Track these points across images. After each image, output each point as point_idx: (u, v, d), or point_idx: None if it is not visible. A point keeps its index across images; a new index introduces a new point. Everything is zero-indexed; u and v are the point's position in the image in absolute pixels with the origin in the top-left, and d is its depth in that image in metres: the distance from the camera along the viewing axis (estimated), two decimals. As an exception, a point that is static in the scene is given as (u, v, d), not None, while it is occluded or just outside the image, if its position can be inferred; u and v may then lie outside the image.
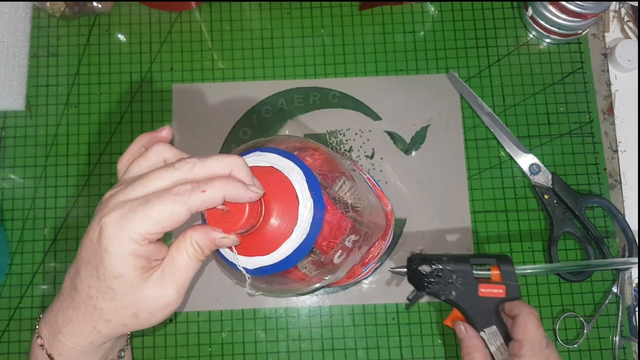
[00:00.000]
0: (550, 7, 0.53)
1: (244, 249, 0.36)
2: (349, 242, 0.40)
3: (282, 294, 0.51)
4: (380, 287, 0.52)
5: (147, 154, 0.33)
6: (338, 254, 0.40)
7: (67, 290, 0.34)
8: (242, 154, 0.38)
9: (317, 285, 0.43)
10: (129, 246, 0.30)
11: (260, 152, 0.38)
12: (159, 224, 0.29)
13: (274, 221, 0.35)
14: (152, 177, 0.31)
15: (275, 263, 0.36)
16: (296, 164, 0.37)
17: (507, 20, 0.58)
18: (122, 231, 0.29)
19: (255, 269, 0.36)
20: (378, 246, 0.49)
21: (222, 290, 0.52)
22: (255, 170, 0.35)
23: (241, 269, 0.36)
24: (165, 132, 0.36)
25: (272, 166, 0.36)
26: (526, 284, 0.52)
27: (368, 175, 0.52)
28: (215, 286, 0.53)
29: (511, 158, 0.55)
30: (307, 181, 0.36)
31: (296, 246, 0.35)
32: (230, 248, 0.35)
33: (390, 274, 0.52)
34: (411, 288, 0.48)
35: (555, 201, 0.53)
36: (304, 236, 0.36)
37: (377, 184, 0.53)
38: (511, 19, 0.58)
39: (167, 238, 0.54)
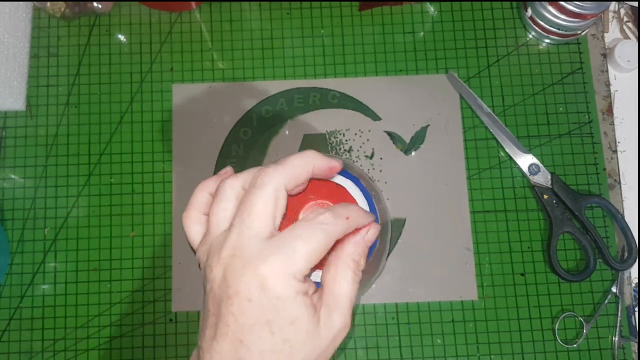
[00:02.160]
0: (550, 8, 0.53)
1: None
2: None
3: None
4: (380, 287, 0.52)
5: (222, 195, 0.31)
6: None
7: None
8: None
9: None
10: (297, 286, 0.28)
11: None
12: (318, 256, 0.28)
13: None
14: (255, 204, 0.29)
15: None
16: (346, 176, 0.40)
17: (507, 21, 0.58)
18: (288, 272, 0.27)
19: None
20: None
21: (222, 290, 0.53)
22: (313, 183, 0.36)
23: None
24: (229, 171, 0.34)
25: (332, 181, 0.39)
26: (525, 283, 0.53)
27: None
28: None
29: (510, 158, 0.55)
30: (360, 190, 0.39)
31: None
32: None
33: (390, 274, 0.53)
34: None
35: (554, 201, 0.53)
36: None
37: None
38: (510, 20, 0.58)
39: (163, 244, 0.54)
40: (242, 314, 0.27)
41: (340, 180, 0.40)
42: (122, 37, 0.58)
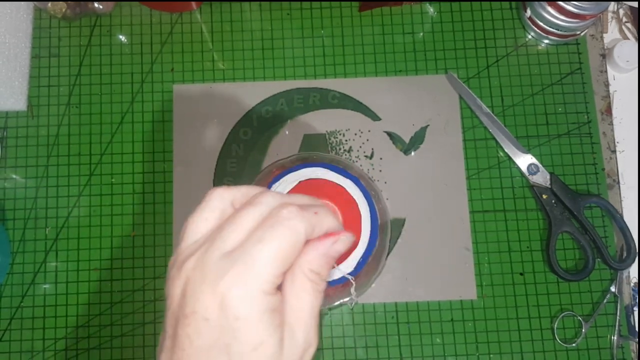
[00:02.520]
0: (549, 8, 0.53)
1: None
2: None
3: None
4: (380, 286, 0.53)
5: (207, 203, 0.28)
6: None
7: None
8: (290, 169, 0.39)
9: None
10: (263, 301, 0.24)
11: (309, 167, 0.39)
12: (286, 259, 0.25)
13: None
14: (240, 219, 0.25)
15: (349, 272, 0.37)
16: (346, 176, 0.39)
17: (506, 21, 0.58)
18: (250, 286, 0.24)
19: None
20: None
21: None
22: (313, 183, 0.36)
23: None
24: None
25: (325, 179, 0.38)
26: (524, 283, 0.53)
27: None
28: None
29: (510, 158, 0.55)
30: (360, 190, 0.38)
31: (362, 253, 0.37)
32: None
33: (390, 273, 0.53)
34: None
35: (553, 201, 0.53)
36: (367, 242, 0.37)
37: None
38: (510, 20, 0.58)
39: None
40: (198, 336, 0.24)
41: (340, 180, 0.40)
42: (122, 38, 0.58)
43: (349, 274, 0.38)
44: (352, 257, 0.39)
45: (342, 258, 0.39)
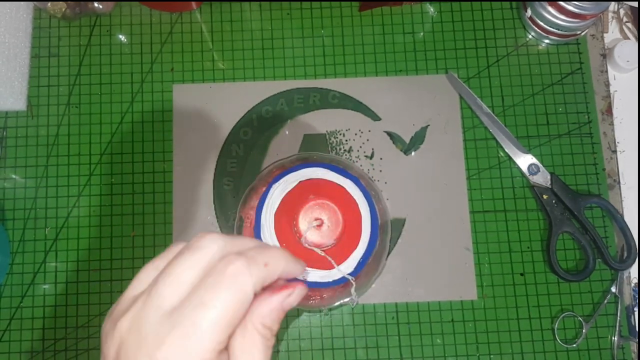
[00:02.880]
0: (549, 8, 0.53)
1: (311, 264, 0.38)
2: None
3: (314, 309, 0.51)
4: (380, 287, 0.52)
5: (164, 254, 0.25)
6: None
7: None
8: (290, 169, 0.40)
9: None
10: None
11: (309, 168, 0.40)
12: (231, 323, 0.22)
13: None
14: (178, 270, 0.23)
15: (349, 272, 0.38)
16: (346, 176, 0.40)
17: (506, 21, 0.58)
18: (191, 356, 0.21)
19: (322, 282, 0.37)
20: None
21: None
22: (312, 183, 0.36)
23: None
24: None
25: (325, 179, 0.39)
26: (525, 283, 0.53)
27: None
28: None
29: (510, 158, 0.55)
30: (360, 190, 0.38)
31: (362, 253, 0.37)
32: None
33: (390, 274, 0.53)
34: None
35: (554, 201, 0.53)
36: (367, 242, 0.37)
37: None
38: (510, 20, 0.58)
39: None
40: None
41: (340, 180, 0.39)
42: (122, 38, 0.58)
43: (349, 274, 0.38)
44: (352, 257, 0.39)
45: (341, 258, 0.39)
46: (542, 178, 0.54)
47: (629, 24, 0.59)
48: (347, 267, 0.39)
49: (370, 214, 0.39)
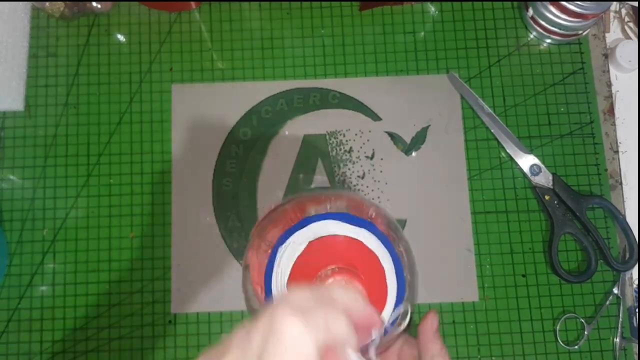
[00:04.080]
0: (551, 8, 0.53)
1: None
2: None
3: None
4: (381, 288, 0.52)
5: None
6: None
7: None
8: (296, 227, 0.34)
9: None
10: None
11: (317, 222, 0.35)
12: None
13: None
14: None
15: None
16: (359, 224, 0.35)
17: (508, 21, 0.58)
18: None
19: None
20: None
21: (222, 292, 0.52)
22: (325, 242, 0.33)
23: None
24: None
25: (338, 235, 0.34)
26: (526, 285, 0.52)
27: None
28: (214, 287, 0.52)
29: (512, 159, 0.54)
30: (377, 237, 0.34)
31: (389, 315, 0.34)
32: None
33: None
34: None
35: (555, 202, 0.53)
36: (394, 298, 0.35)
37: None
38: (512, 19, 0.58)
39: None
40: None
41: (354, 232, 0.34)
42: (121, 37, 0.58)
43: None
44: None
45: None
46: (544, 179, 0.53)
47: (631, 24, 0.58)
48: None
49: (394, 264, 0.36)
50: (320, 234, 0.34)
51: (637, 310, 0.52)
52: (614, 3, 0.58)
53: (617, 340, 0.51)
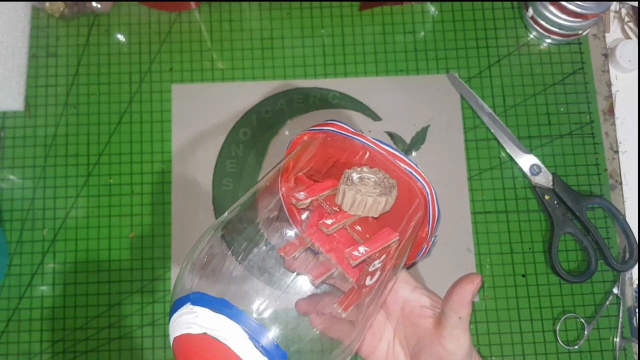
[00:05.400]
0: (551, 8, 0.53)
1: None
2: (373, 267, 0.34)
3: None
4: (380, 288, 0.52)
5: None
6: (367, 279, 0.33)
7: None
8: (207, 299, 0.29)
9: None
10: None
11: (225, 319, 0.29)
12: None
13: None
14: None
15: None
16: (266, 354, 0.28)
17: (508, 21, 0.58)
18: None
19: None
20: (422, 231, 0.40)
21: (222, 291, 0.52)
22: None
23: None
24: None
25: (230, 349, 0.28)
26: (526, 285, 0.52)
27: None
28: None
29: (511, 159, 0.54)
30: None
31: None
32: None
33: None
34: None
35: (555, 202, 0.53)
36: None
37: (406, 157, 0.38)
38: (511, 19, 0.58)
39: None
40: None
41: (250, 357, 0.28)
42: (121, 37, 0.58)
43: None
44: None
45: None
46: (544, 178, 0.53)
47: (631, 24, 0.58)
48: None
49: None
50: (219, 336, 0.28)
51: (637, 310, 0.52)
52: (614, 3, 0.58)
53: (617, 340, 0.51)
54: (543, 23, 0.55)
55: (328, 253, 0.33)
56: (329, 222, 0.32)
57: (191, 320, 0.29)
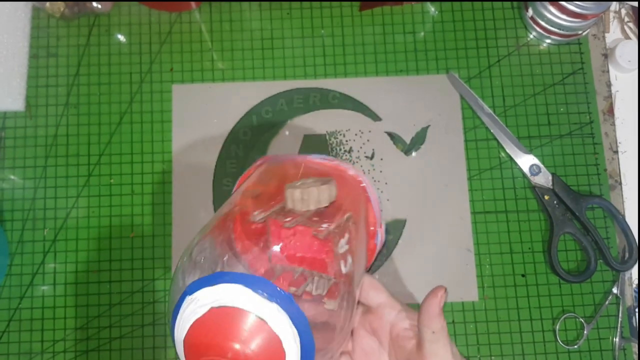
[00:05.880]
0: (551, 8, 0.53)
1: None
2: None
3: None
4: (380, 288, 0.52)
5: None
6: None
7: None
8: (202, 282, 0.30)
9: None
10: None
11: (225, 284, 0.30)
12: None
13: None
14: None
15: None
16: (271, 298, 0.29)
17: (508, 21, 0.58)
18: None
19: None
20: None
21: (222, 291, 0.52)
22: (226, 313, 0.28)
23: None
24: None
25: (240, 309, 0.29)
26: (526, 284, 0.52)
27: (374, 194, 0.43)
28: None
29: (511, 159, 0.54)
30: (289, 316, 0.30)
31: None
32: None
33: (390, 274, 0.52)
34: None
35: (555, 202, 0.53)
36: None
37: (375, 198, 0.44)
38: (511, 20, 0.58)
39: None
40: None
41: (261, 309, 0.30)
42: (121, 37, 0.58)
43: None
44: None
45: None
46: (544, 178, 0.53)
47: (631, 24, 0.58)
48: None
49: (302, 350, 0.30)
50: (224, 302, 0.30)
51: (636, 310, 0.52)
52: (614, 3, 0.58)
53: (617, 340, 0.51)
54: (543, 23, 0.55)
55: (300, 266, 0.33)
56: (287, 219, 0.34)
57: (193, 307, 0.30)
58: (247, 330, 0.29)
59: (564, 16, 0.53)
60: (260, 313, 0.29)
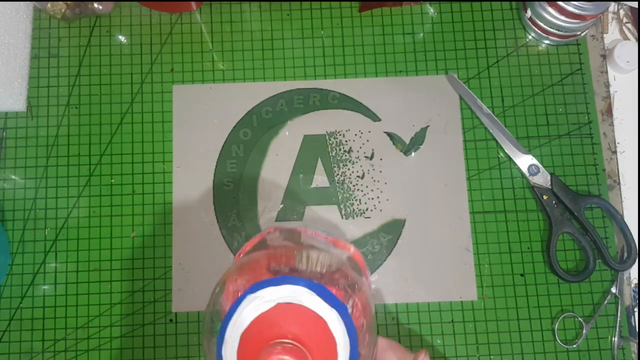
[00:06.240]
0: (549, 9, 0.53)
1: None
2: None
3: None
4: (380, 288, 0.52)
5: None
6: None
7: None
8: (268, 282, 0.33)
9: None
10: None
11: (291, 285, 0.33)
12: None
13: None
14: None
15: None
16: (332, 304, 0.33)
17: (506, 22, 0.58)
18: None
19: None
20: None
21: (222, 291, 0.53)
22: (292, 310, 0.32)
23: None
24: None
25: (306, 308, 0.32)
26: (525, 284, 0.53)
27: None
28: (214, 286, 0.53)
29: (510, 159, 0.55)
30: (345, 325, 0.32)
31: None
32: None
33: (390, 274, 0.53)
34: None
35: (554, 202, 0.53)
36: None
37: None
38: (510, 21, 0.58)
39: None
40: None
41: (323, 310, 0.33)
42: (122, 38, 0.58)
43: None
44: None
45: None
46: (542, 179, 0.54)
47: (629, 25, 0.59)
48: None
49: (350, 356, 0.33)
50: (289, 299, 0.33)
51: (635, 309, 0.52)
52: (612, 4, 0.58)
53: (615, 339, 0.51)
54: (541, 24, 0.55)
55: (327, 238, 0.37)
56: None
57: (258, 303, 0.33)
58: (310, 325, 0.32)
59: (562, 17, 0.53)
60: (323, 314, 0.32)
